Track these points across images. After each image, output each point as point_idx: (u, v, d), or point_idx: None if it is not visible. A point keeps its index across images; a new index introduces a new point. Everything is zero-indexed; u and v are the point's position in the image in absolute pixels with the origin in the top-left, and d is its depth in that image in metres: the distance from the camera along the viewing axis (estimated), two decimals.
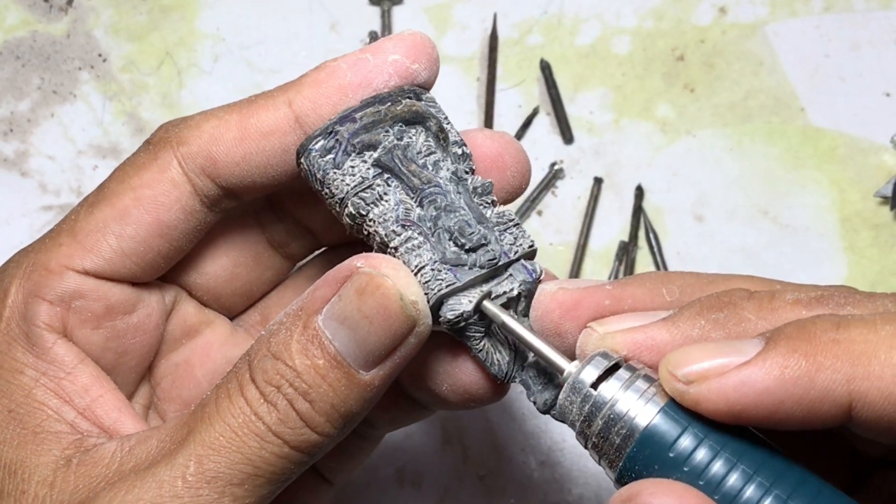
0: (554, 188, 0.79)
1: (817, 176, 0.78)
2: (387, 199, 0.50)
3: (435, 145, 0.51)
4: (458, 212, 0.50)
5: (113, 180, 0.53)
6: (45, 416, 0.50)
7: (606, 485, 0.72)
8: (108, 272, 0.52)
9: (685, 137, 0.79)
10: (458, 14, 0.82)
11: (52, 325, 0.51)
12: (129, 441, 0.49)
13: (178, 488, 0.46)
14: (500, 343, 0.51)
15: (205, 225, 0.54)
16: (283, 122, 0.50)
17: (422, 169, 0.50)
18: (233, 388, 0.47)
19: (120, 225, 0.52)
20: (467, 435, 0.73)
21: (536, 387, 0.51)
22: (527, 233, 0.51)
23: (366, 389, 0.47)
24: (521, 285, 0.50)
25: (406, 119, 0.51)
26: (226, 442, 0.46)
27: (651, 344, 0.45)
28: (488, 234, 0.50)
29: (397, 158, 0.50)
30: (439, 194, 0.50)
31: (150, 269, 0.53)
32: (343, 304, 0.47)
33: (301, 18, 0.82)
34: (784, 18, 0.81)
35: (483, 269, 0.49)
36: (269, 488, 0.47)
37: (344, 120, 0.50)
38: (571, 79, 0.80)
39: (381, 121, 0.50)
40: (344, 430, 0.48)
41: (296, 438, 0.47)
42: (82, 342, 0.52)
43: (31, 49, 0.81)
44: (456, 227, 0.49)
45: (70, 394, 0.51)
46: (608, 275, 0.76)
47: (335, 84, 0.50)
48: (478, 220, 0.50)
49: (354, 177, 0.50)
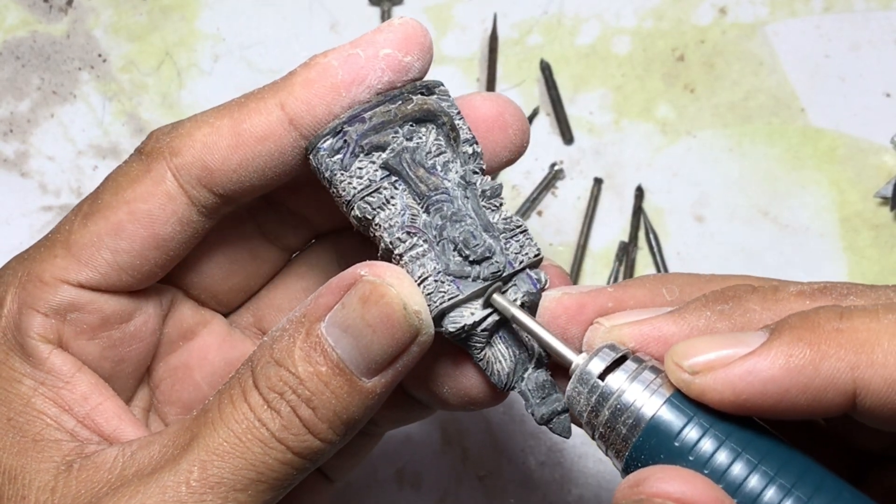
0: (554, 188, 0.79)
1: (817, 176, 0.78)
2: (393, 203, 0.50)
3: (445, 144, 0.51)
4: (465, 221, 0.50)
5: (107, 191, 0.52)
6: (44, 424, 0.50)
7: (606, 485, 0.72)
8: (104, 285, 0.52)
9: (685, 138, 0.79)
10: (458, 14, 0.82)
11: (47, 337, 0.51)
12: (130, 447, 0.49)
13: (181, 493, 0.46)
14: (501, 354, 0.51)
15: (201, 232, 0.53)
16: (276, 126, 0.50)
17: (430, 174, 0.50)
18: (236, 394, 0.48)
19: (115, 239, 0.51)
20: (467, 436, 0.73)
21: (535, 399, 0.51)
22: (533, 240, 0.51)
23: (368, 397, 0.47)
24: (524, 295, 0.50)
25: (417, 118, 0.50)
26: (229, 448, 0.46)
27: (658, 335, 0.46)
28: (493, 245, 0.50)
29: (405, 162, 0.50)
30: (446, 202, 0.50)
31: (145, 279, 0.53)
32: (346, 312, 0.47)
33: (301, 18, 0.82)
34: (784, 18, 0.81)
35: (487, 280, 0.49)
36: (271, 494, 0.47)
37: (353, 119, 0.50)
38: (571, 79, 0.80)
39: (391, 121, 0.50)
40: (346, 437, 0.48)
41: (299, 445, 0.47)
42: (78, 353, 0.52)
43: (31, 49, 0.81)
44: (461, 239, 0.49)
45: (69, 402, 0.51)
46: (608, 275, 0.76)
47: (327, 83, 0.49)
48: (484, 227, 0.50)
49: (362, 179, 0.50)
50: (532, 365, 0.51)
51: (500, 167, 0.54)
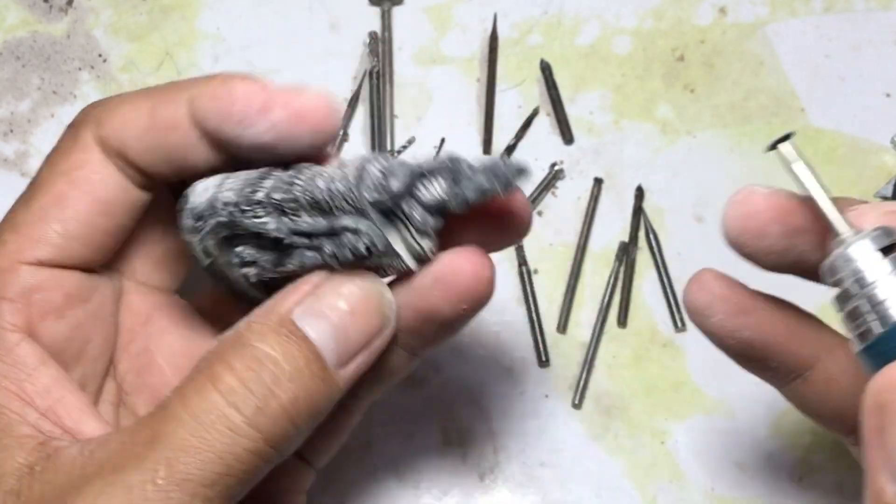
0: (554, 188, 0.79)
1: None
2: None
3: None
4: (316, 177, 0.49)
5: (42, 170, 0.53)
6: (7, 419, 0.49)
7: (606, 485, 0.72)
8: (60, 259, 0.52)
9: (685, 138, 0.79)
10: (458, 14, 0.82)
11: (16, 324, 0.51)
12: (89, 446, 0.48)
13: (147, 492, 0.45)
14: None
15: (141, 202, 0.53)
16: (182, 121, 0.50)
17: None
18: (202, 383, 0.47)
19: (60, 210, 0.51)
20: (467, 435, 0.73)
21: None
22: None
23: (335, 386, 0.48)
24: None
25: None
26: (196, 442, 0.46)
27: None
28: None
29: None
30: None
31: (98, 251, 0.53)
32: (321, 298, 0.48)
33: (301, 18, 0.82)
34: (784, 18, 0.81)
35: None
36: (238, 488, 0.47)
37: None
38: (571, 79, 0.80)
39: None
40: (310, 427, 0.49)
41: (269, 430, 0.47)
42: (47, 336, 0.52)
43: (31, 49, 0.81)
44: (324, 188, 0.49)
45: (32, 395, 0.50)
46: (608, 275, 0.76)
47: (224, 107, 0.49)
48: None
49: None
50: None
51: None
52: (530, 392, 0.74)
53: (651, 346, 0.74)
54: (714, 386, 0.73)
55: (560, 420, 0.73)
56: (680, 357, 0.74)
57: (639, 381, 0.74)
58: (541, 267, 0.76)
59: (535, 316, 0.75)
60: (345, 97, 0.80)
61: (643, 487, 0.72)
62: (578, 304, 0.75)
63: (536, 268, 0.76)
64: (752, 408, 0.72)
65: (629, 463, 0.72)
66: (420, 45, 0.82)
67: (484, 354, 0.75)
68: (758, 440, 0.72)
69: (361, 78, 0.81)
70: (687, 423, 0.73)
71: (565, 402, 0.74)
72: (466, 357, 0.74)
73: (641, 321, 0.75)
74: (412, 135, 0.79)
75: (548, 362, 0.74)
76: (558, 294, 0.76)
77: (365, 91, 0.80)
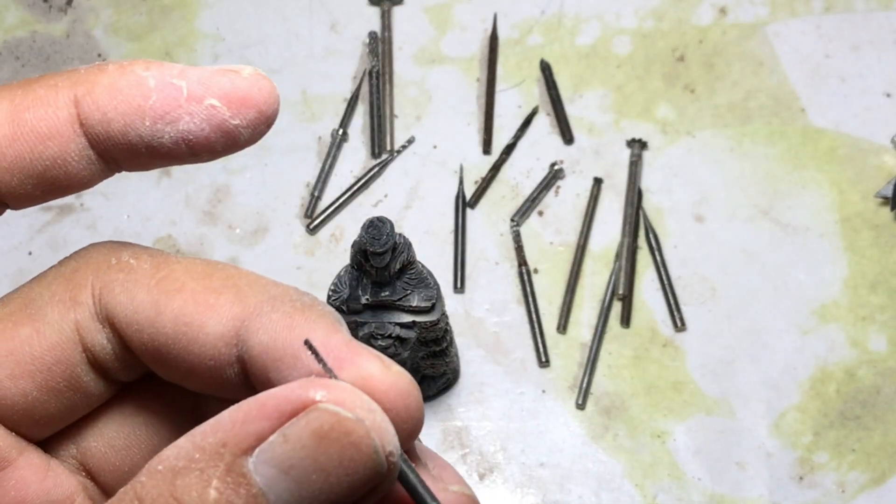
0: (554, 188, 0.79)
1: (818, 176, 0.78)
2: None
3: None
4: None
5: None
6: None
7: (606, 485, 0.72)
8: None
9: (685, 138, 0.79)
10: (458, 14, 0.82)
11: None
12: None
13: None
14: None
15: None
16: (64, 126, 0.39)
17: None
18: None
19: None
20: (467, 435, 0.73)
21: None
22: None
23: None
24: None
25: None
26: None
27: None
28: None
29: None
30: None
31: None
32: (289, 449, 0.34)
33: (301, 18, 0.82)
34: (784, 18, 0.81)
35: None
36: None
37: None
38: (571, 79, 0.80)
39: None
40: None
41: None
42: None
43: (30, 49, 0.81)
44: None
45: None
46: (608, 275, 0.76)
47: (135, 102, 0.39)
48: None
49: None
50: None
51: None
52: (530, 392, 0.74)
53: (651, 346, 0.74)
54: (714, 386, 0.73)
55: (560, 420, 0.73)
56: (680, 357, 0.74)
57: (639, 381, 0.74)
58: (541, 267, 0.76)
59: (535, 316, 0.75)
60: (345, 97, 0.80)
61: (643, 487, 0.72)
62: (578, 304, 0.75)
63: (536, 268, 0.76)
64: (752, 408, 0.72)
65: (629, 463, 0.72)
66: (420, 45, 0.82)
67: (484, 354, 0.75)
68: (758, 440, 0.72)
69: (361, 78, 0.81)
70: (687, 423, 0.73)
71: (565, 402, 0.74)
72: (466, 357, 0.74)
73: (641, 321, 0.75)
74: (412, 134, 0.79)
75: (548, 362, 0.74)
76: (558, 294, 0.76)
77: (365, 91, 0.80)
